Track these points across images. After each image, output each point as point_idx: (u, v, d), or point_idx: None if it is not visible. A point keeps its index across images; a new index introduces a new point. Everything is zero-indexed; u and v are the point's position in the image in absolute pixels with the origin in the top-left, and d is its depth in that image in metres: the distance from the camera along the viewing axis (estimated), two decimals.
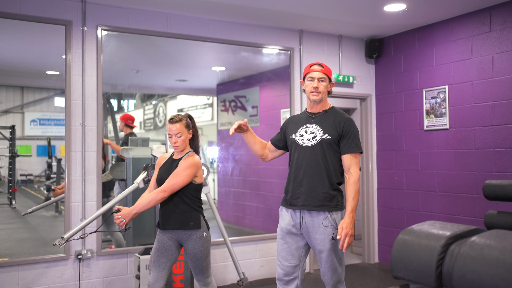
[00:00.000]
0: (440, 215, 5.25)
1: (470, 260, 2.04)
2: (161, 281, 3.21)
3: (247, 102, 7.45)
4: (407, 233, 2.37)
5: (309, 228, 2.96)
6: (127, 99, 12.35)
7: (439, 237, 2.24)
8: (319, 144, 2.97)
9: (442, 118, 5.21)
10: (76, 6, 4.48)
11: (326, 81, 3.04)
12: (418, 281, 2.26)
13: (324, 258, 2.95)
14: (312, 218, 2.95)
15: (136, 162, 4.97)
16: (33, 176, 13.98)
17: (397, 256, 2.33)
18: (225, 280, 5.11)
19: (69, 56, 4.44)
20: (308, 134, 3.03)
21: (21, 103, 14.13)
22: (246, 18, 5.15)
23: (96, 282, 4.49)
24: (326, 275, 3.00)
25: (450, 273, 2.12)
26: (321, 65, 3.06)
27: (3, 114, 13.82)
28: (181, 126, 3.22)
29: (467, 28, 5.01)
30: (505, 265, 1.91)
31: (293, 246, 3.02)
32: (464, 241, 2.19)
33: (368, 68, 6.09)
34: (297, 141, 3.06)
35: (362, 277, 5.37)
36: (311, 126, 3.05)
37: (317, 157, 2.97)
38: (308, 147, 3.00)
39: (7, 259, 4.44)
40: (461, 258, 2.08)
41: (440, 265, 2.18)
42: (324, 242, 2.92)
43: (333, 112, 3.07)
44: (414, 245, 2.29)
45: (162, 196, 3.13)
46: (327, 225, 2.92)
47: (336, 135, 2.97)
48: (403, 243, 2.34)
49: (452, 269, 2.11)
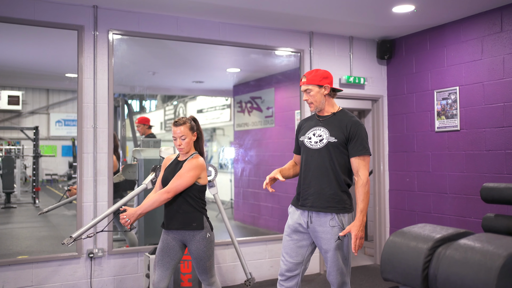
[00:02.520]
0: (451, 217, 5.22)
1: (453, 263, 2.04)
2: (166, 280, 3.30)
3: (262, 103, 7.50)
4: (397, 235, 2.38)
5: (316, 228, 3.02)
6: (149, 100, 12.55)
7: (427, 240, 2.25)
8: (326, 147, 3.03)
9: (453, 120, 5.17)
10: (88, 12, 4.60)
11: (314, 89, 3.08)
12: (405, 283, 2.27)
13: (330, 258, 3.00)
14: (320, 218, 3.00)
15: (147, 163, 5.07)
16: (57, 175, 14.32)
17: (386, 258, 2.34)
18: (234, 280, 5.17)
19: (81, 60, 4.57)
20: (315, 137, 3.09)
21: (47, 104, 14.49)
22: (256, 20, 5.21)
23: (107, 280, 4.61)
24: (332, 275, 3.04)
25: (435, 275, 2.14)
26: (305, 75, 3.13)
27: (29, 115, 14.20)
28: (185, 129, 3.30)
29: (478, 29, 4.96)
30: (486, 268, 1.91)
31: (298, 243, 3.09)
32: (451, 243, 2.20)
33: (380, 69, 6.08)
34: (306, 144, 3.12)
35: (372, 278, 5.37)
36: (319, 129, 3.10)
37: (324, 160, 3.03)
38: (315, 149, 3.07)
39: (26, 256, 4.59)
40: (445, 261, 2.08)
41: (426, 267, 2.19)
42: (330, 242, 2.97)
43: (341, 114, 3.12)
44: (402, 247, 2.30)
45: (166, 197, 3.21)
46: (333, 225, 2.97)
47: (343, 138, 3.01)
48: (392, 245, 2.35)
49: (437, 272, 2.12)
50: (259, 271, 5.29)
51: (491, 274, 1.90)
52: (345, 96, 5.90)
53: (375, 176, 6.12)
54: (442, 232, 2.33)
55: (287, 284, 3.11)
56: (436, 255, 2.21)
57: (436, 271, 2.15)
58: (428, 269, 2.22)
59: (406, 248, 2.32)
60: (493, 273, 1.86)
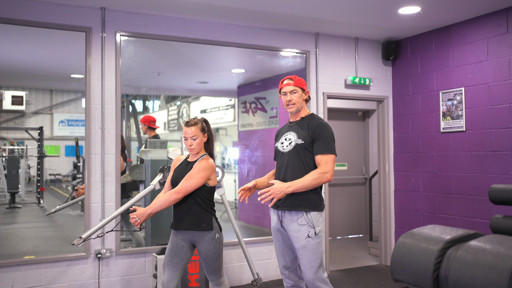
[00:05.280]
0: (456, 218, 5.24)
1: (464, 264, 2.06)
2: (175, 281, 3.32)
3: (267, 103, 7.52)
4: (407, 236, 2.40)
5: (287, 227, 3.17)
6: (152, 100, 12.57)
7: (437, 241, 2.27)
8: (295, 149, 3.20)
9: (458, 120, 5.19)
10: (96, 13, 4.63)
11: (298, 91, 3.27)
12: (416, 284, 2.29)
13: (300, 255, 3.13)
14: (291, 217, 3.15)
15: (154, 164, 5.10)
16: (61, 175, 14.35)
17: (397, 259, 2.35)
18: (241, 280, 5.20)
19: (89, 61, 4.60)
20: (286, 141, 3.28)
21: (50, 104, 14.53)
22: (262, 22, 5.23)
23: (115, 281, 4.64)
24: (306, 274, 3.14)
25: (446, 277, 2.16)
26: (291, 78, 3.30)
27: (33, 115, 14.24)
28: (196, 130, 3.33)
29: (484, 30, 4.98)
30: (497, 270, 1.93)
31: (284, 243, 3.27)
32: (461, 245, 2.22)
33: (385, 70, 6.10)
34: (279, 148, 3.32)
35: (378, 279, 5.39)
36: (289, 134, 3.29)
37: (294, 161, 3.19)
38: (286, 152, 3.24)
39: (33, 256, 4.62)
40: (456, 262, 2.10)
41: (437, 268, 2.21)
42: (299, 239, 3.11)
43: (309, 118, 3.30)
44: (413, 248, 2.32)
45: (176, 198, 3.24)
46: (302, 223, 3.12)
47: (309, 139, 3.18)
48: (402, 246, 2.36)
49: (448, 273, 2.14)
50: (266, 271, 5.31)
51: (503, 276, 1.92)
52: (350, 97, 5.92)
53: (380, 176, 6.13)
54: (452, 233, 2.35)
55: (290, 277, 3.33)
56: (447, 256, 2.23)
57: (447, 272, 2.17)
58: (439, 270, 2.24)
59: (416, 249, 2.34)
60: (505, 274, 1.87)
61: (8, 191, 9.62)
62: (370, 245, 6.56)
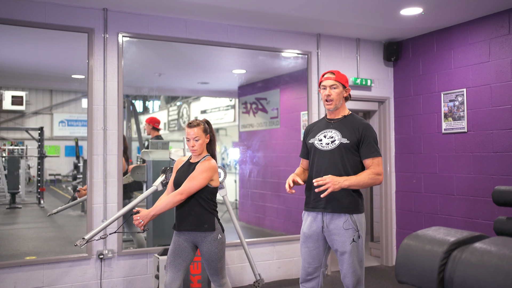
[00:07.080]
0: (458, 219, 5.24)
1: (470, 266, 2.06)
2: (177, 281, 3.32)
3: (268, 104, 7.52)
4: (411, 238, 2.40)
5: (330, 231, 3.05)
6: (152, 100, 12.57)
7: (442, 243, 2.27)
8: (338, 148, 3.06)
9: (460, 121, 5.20)
10: (98, 14, 4.63)
11: (339, 87, 3.12)
12: (421, 286, 2.29)
13: (346, 260, 3.03)
14: (334, 221, 3.03)
15: (156, 165, 5.10)
16: (61, 176, 14.35)
17: (401, 261, 2.36)
18: (242, 281, 5.20)
19: (91, 62, 4.60)
20: (327, 138, 3.12)
21: (50, 104, 14.52)
22: (264, 23, 5.23)
23: (117, 282, 4.64)
24: (347, 277, 3.06)
25: (451, 279, 2.16)
26: (333, 72, 3.15)
27: (33, 116, 14.23)
28: (199, 131, 3.33)
29: (486, 31, 4.99)
30: (503, 272, 1.93)
31: (314, 250, 3.12)
32: (466, 247, 2.22)
33: (387, 71, 6.10)
34: (316, 145, 3.14)
35: (379, 280, 5.39)
36: (330, 131, 3.13)
37: (336, 161, 3.05)
38: (327, 151, 3.09)
39: (35, 257, 4.63)
40: (461, 264, 2.11)
41: (442, 270, 2.21)
42: (345, 244, 3.01)
43: (352, 118, 3.17)
44: (417, 250, 2.33)
45: (179, 199, 3.24)
46: (347, 227, 3.01)
47: (355, 140, 3.05)
48: (407, 248, 2.37)
49: (453, 275, 2.14)
50: (267, 272, 5.31)
51: (509, 278, 1.92)
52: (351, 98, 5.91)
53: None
54: (457, 235, 2.36)
55: (308, 284, 3.16)
56: (452, 258, 2.23)
57: (452, 274, 2.18)
58: (444, 272, 2.25)
59: (421, 251, 2.34)
60: (511, 277, 1.88)
61: (8, 192, 9.62)
62: (371, 245, 6.56)
